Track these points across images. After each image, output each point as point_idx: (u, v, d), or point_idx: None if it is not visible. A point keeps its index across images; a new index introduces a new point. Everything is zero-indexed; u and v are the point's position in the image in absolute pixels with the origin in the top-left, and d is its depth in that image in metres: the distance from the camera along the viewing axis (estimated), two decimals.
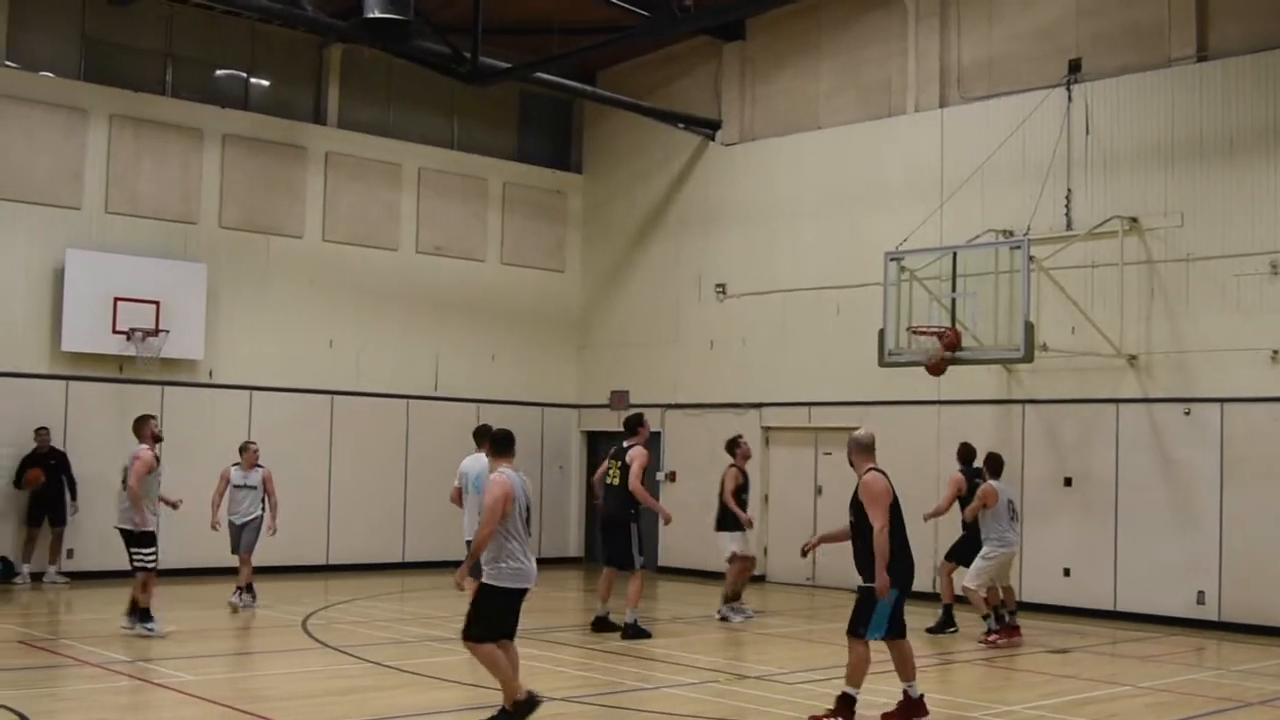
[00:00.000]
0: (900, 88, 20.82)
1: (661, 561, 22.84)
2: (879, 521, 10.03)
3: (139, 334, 19.80)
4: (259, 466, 17.06)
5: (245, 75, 22.28)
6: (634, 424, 15.79)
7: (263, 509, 16.97)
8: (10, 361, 19.28)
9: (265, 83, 22.54)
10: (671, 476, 23.04)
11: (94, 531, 19.07)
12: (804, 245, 21.69)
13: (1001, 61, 19.70)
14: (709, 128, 23.30)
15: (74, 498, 19.25)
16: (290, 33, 21.91)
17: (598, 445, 24.36)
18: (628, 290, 24.59)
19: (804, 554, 11.56)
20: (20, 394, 19.24)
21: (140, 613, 14.28)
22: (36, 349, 19.52)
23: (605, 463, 15.70)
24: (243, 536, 16.88)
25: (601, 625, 15.25)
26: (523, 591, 9.73)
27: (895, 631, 10.28)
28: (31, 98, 19.86)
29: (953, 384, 19.08)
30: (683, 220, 23.72)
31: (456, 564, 22.40)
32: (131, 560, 14.33)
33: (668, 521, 16.25)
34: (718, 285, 22.88)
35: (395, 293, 23.06)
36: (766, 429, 21.91)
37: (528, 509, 9.77)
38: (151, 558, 14.29)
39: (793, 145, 22.09)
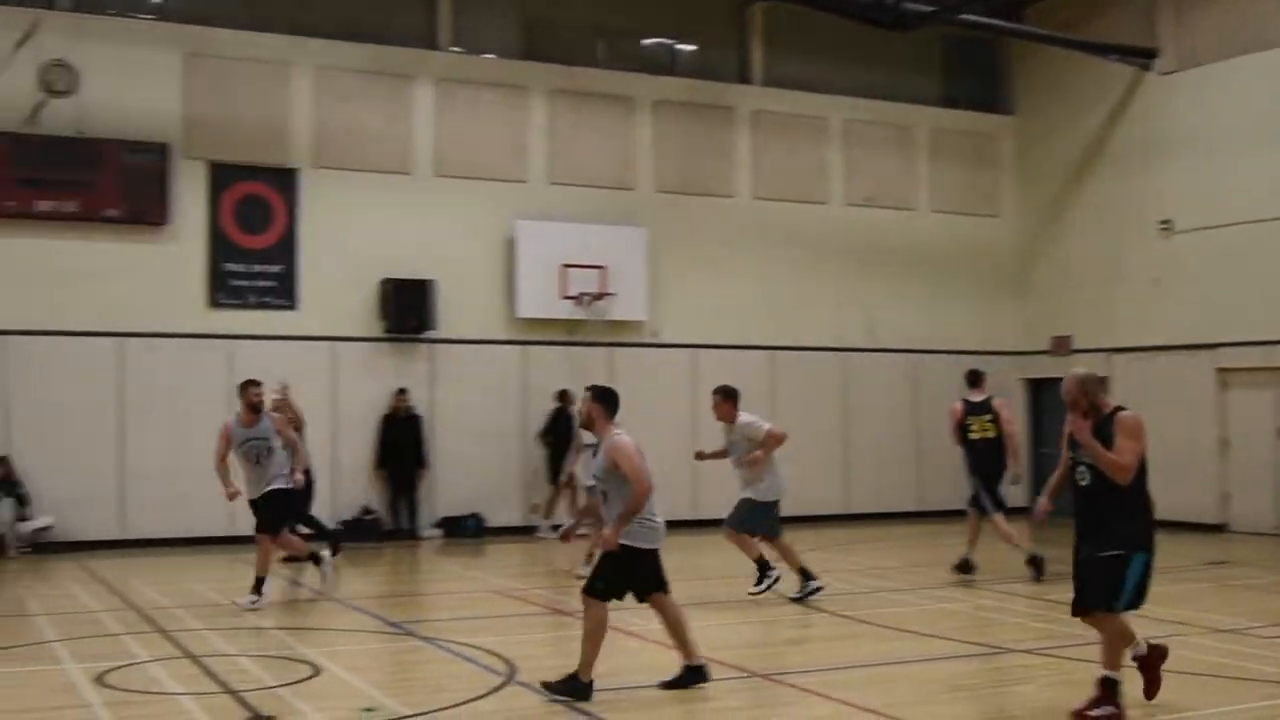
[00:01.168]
0: None
1: None
2: (1132, 459, 8.26)
3: (586, 298, 20.71)
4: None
5: (671, 42, 22.83)
6: (978, 377, 15.83)
7: None
8: (476, 329, 20.61)
9: (691, 47, 23.04)
10: None
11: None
12: (1257, 173, 20.39)
13: None
14: (1144, 57, 22.22)
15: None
16: None
17: (1041, 393, 23.74)
18: (1066, 232, 23.81)
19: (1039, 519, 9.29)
20: (485, 360, 20.55)
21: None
22: (495, 316, 20.78)
23: (967, 420, 15.45)
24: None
25: (1037, 567, 15.00)
26: (657, 550, 9.59)
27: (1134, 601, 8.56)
28: (477, 79, 21.04)
29: None
30: (1121, 155, 22.74)
31: (909, 515, 22.59)
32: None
33: (1017, 481, 15.60)
34: (1162, 221, 21.84)
35: (827, 246, 23.16)
36: (1222, 370, 20.80)
37: None
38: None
39: (1239, 68, 20.79)
